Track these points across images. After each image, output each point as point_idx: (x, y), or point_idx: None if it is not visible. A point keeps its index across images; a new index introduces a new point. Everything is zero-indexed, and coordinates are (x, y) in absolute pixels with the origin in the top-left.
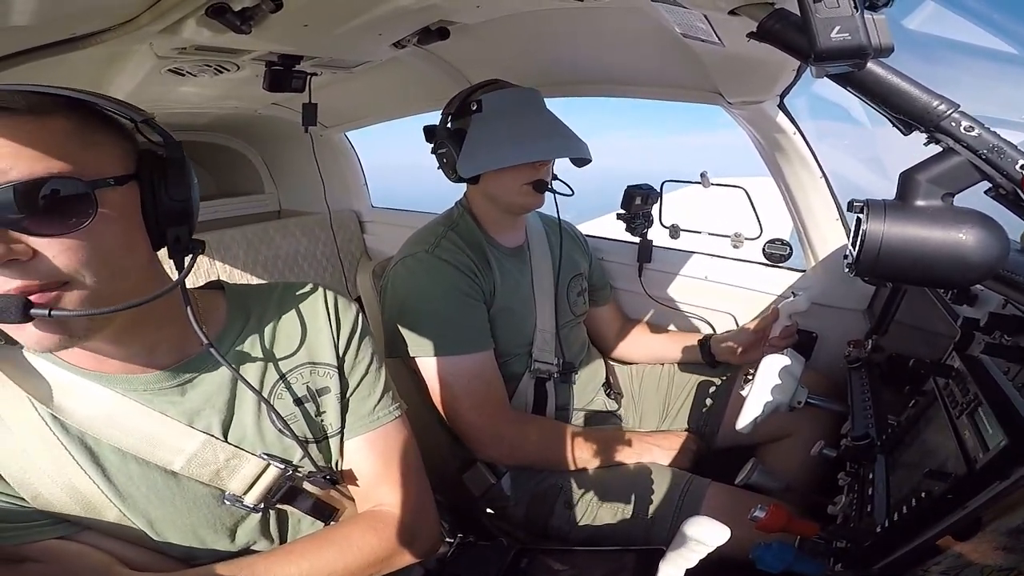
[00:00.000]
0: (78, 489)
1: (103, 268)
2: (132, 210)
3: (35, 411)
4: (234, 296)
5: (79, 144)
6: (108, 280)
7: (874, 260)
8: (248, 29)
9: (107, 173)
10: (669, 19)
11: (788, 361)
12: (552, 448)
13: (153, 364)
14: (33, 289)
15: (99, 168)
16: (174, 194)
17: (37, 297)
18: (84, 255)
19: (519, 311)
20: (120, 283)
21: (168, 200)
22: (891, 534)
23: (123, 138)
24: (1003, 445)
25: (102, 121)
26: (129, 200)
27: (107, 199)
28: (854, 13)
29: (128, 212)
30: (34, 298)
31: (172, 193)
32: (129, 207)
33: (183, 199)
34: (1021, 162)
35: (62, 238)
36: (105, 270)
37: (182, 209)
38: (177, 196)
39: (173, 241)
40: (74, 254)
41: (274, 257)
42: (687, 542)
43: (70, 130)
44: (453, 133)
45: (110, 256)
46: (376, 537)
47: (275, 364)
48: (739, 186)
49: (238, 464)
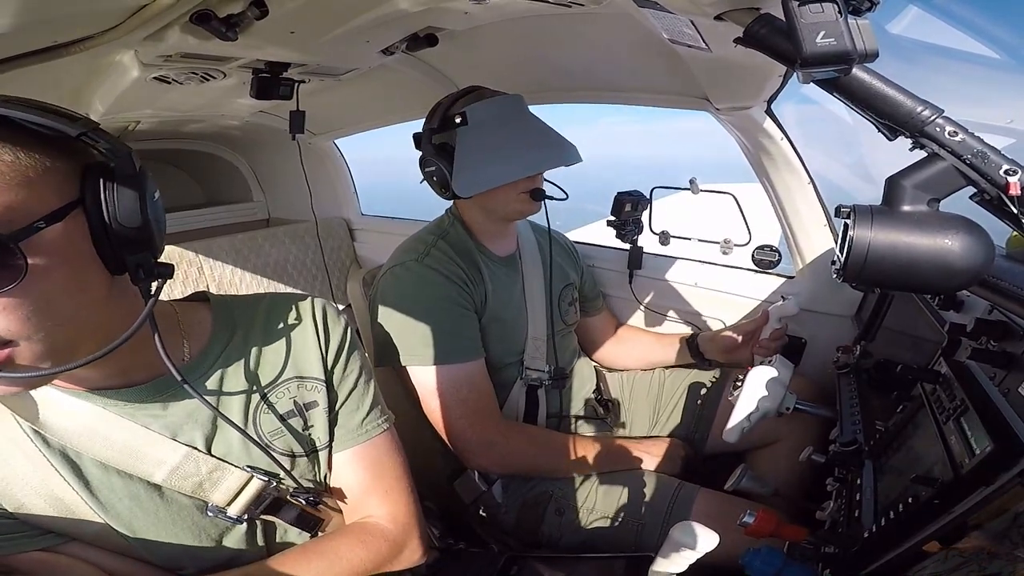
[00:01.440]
0: (62, 500)
1: (49, 320)
2: (79, 244)
3: (16, 424)
4: (220, 308)
5: (1, 183)
6: (59, 330)
7: (861, 266)
8: (234, 36)
9: (38, 213)
10: (656, 25)
11: (774, 373)
12: (543, 456)
13: (132, 381)
14: None
15: (29, 208)
16: (127, 216)
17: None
18: (23, 313)
19: (510, 320)
20: (75, 327)
21: (120, 225)
22: (878, 539)
23: (63, 156)
24: (989, 451)
25: (33, 140)
26: (73, 234)
27: (42, 245)
28: (838, 18)
29: (74, 249)
30: None
31: (125, 215)
32: (74, 242)
33: (139, 221)
34: (1005, 167)
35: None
36: (52, 322)
37: (139, 232)
38: (131, 219)
39: (135, 269)
40: (11, 314)
41: (263, 265)
42: (676, 548)
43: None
44: (439, 149)
45: (56, 306)
46: (364, 549)
47: (261, 379)
48: (728, 192)
49: (221, 476)
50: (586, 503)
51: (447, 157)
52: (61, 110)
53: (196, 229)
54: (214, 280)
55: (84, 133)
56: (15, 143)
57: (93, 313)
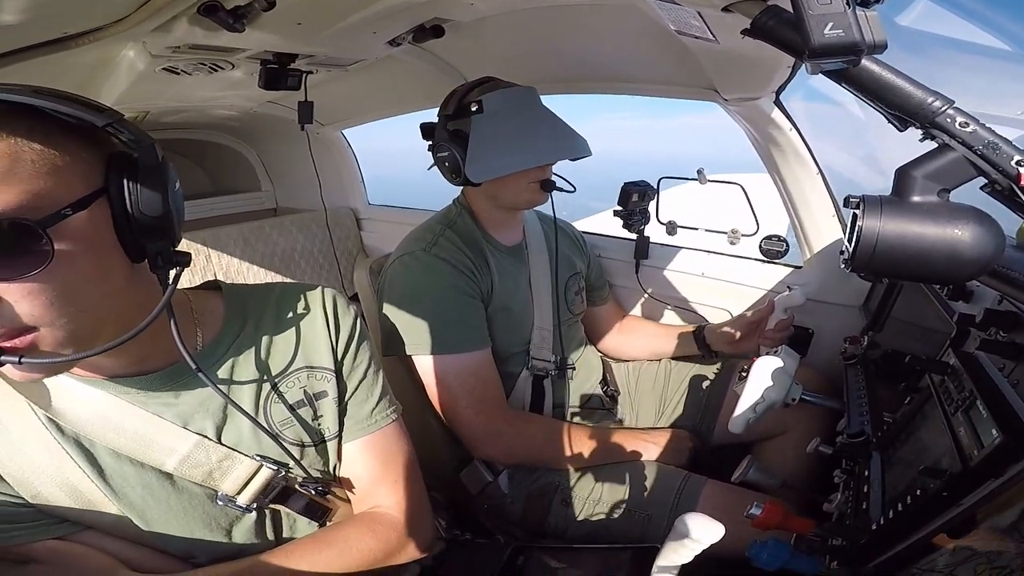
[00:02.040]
0: (76, 488)
1: (72, 307)
2: (102, 232)
3: (32, 413)
4: (232, 297)
5: (31, 171)
6: (82, 316)
7: (870, 256)
8: (241, 27)
9: (65, 200)
10: (663, 16)
11: (780, 363)
12: (549, 446)
13: (146, 369)
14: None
15: (56, 195)
16: (149, 206)
17: (6, 343)
18: (47, 298)
19: (517, 309)
20: (97, 314)
21: (142, 214)
22: (886, 531)
23: (88, 146)
24: (998, 442)
25: (60, 130)
26: (97, 222)
27: (68, 231)
28: (846, 10)
29: (97, 237)
30: (3, 344)
31: (147, 205)
32: (98, 230)
33: (160, 210)
34: (1017, 158)
35: (18, 283)
36: (75, 308)
37: (160, 221)
38: (153, 208)
39: (154, 257)
40: (36, 299)
41: (270, 255)
42: (682, 539)
43: (15, 153)
44: (453, 135)
45: (79, 293)
46: (374, 539)
47: (272, 368)
48: (736, 182)
49: (231, 465)
50: (592, 494)
51: (461, 144)
52: (88, 101)
53: (204, 218)
54: (222, 269)
55: (110, 123)
56: (44, 132)
57: (114, 300)
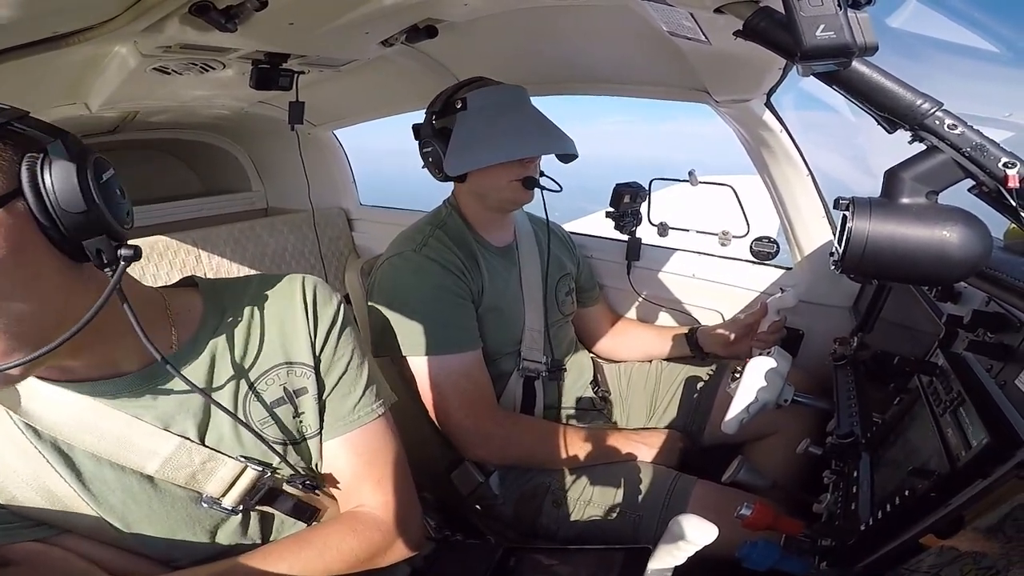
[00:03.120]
0: (54, 493)
1: (3, 314)
2: (24, 235)
3: (8, 417)
4: (209, 293)
5: None
6: (19, 322)
7: (859, 257)
8: (233, 27)
9: None
10: (656, 17)
11: (773, 364)
12: (540, 447)
13: (121, 371)
14: None
15: None
16: (70, 201)
17: None
18: None
19: (507, 310)
20: (37, 318)
21: (64, 211)
22: (875, 532)
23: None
24: (985, 443)
25: None
26: (15, 225)
27: None
28: (837, 11)
29: (17, 239)
30: None
31: (67, 201)
32: (17, 233)
33: (83, 206)
34: (1004, 160)
35: None
36: (7, 315)
37: (88, 217)
38: (74, 203)
39: (95, 254)
40: None
41: (261, 255)
42: (675, 540)
43: None
44: (438, 132)
45: (7, 299)
46: (356, 539)
47: (251, 365)
48: (727, 184)
49: (214, 467)
50: (584, 495)
51: (444, 140)
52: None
53: (194, 218)
54: (212, 269)
55: (8, 123)
56: None
57: (56, 302)
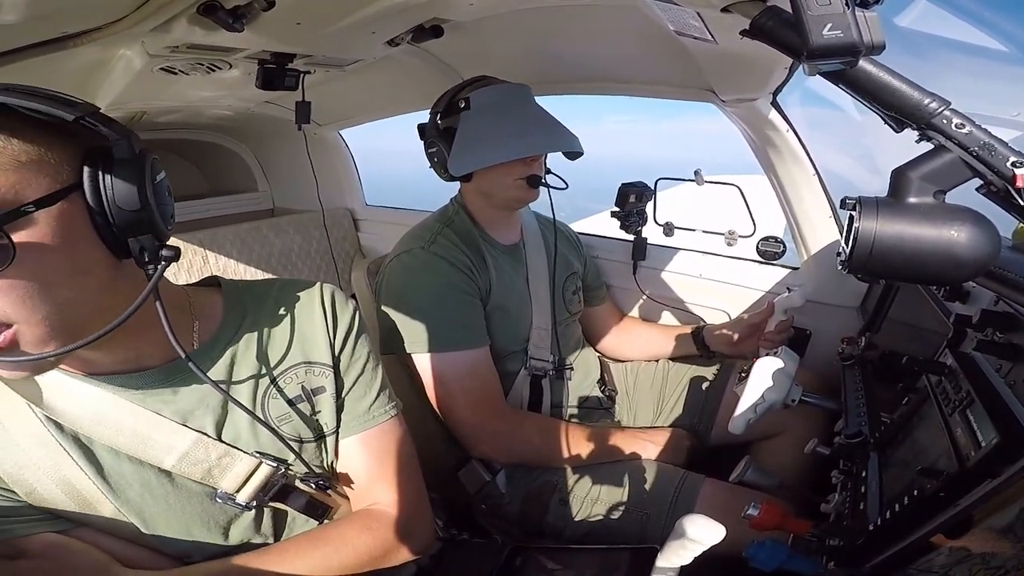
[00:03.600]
0: (73, 484)
1: (48, 303)
2: (78, 227)
3: (30, 410)
4: (231, 293)
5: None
6: (61, 312)
7: (867, 257)
8: (240, 27)
9: (28, 197)
10: (662, 16)
11: (781, 364)
12: (547, 445)
13: (144, 366)
14: None
15: (19, 192)
16: (126, 200)
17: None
18: (19, 294)
19: (515, 308)
20: (78, 310)
21: (119, 208)
22: (883, 532)
23: (60, 142)
24: (995, 443)
25: (28, 126)
26: (71, 217)
27: (35, 228)
28: (845, 10)
29: (71, 232)
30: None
31: (123, 199)
32: (72, 226)
33: (137, 204)
34: (1012, 159)
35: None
36: (51, 304)
37: (140, 216)
38: (129, 202)
39: (138, 252)
40: (7, 295)
41: (267, 255)
42: (682, 540)
43: None
44: (443, 131)
45: (55, 289)
46: (371, 536)
47: (270, 363)
48: (733, 184)
49: (230, 462)
50: (590, 493)
51: (449, 139)
52: (61, 96)
53: (201, 219)
54: (219, 270)
55: (81, 118)
56: (10, 129)
57: (97, 296)
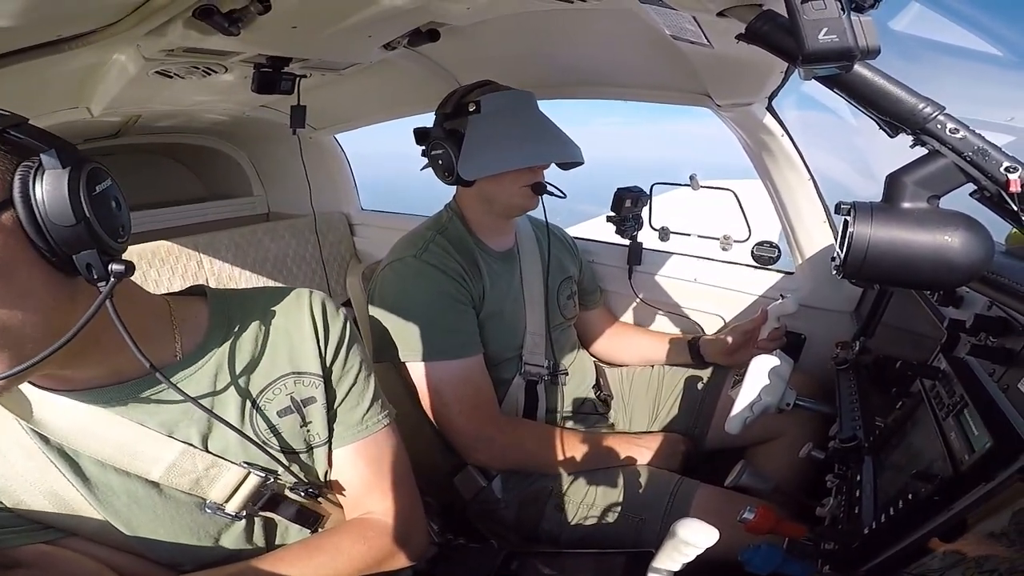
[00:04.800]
0: (61, 497)
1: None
2: (12, 246)
3: (17, 423)
4: (216, 302)
5: None
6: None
7: (861, 262)
8: (236, 31)
9: None
10: (658, 21)
11: (777, 362)
12: (542, 451)
13: (123, 379)
14: None
15: None
16: (59, 214)
17: None
18: None
19: (509, 315)
20: (24, 331)
21: (53, 224)
22: (878, 536)
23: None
24: (988, 447)
25: None
26: (5, 236)
27: None
28: (841, 15)
29: (7, 252)
30: None
31: (56, 214)
32: (7, 245)
33: (72, 219)
34: (1005, 164)
35: None
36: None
37: (77, 231)
38: (63, 216)
39: (85, 269)
40: None
41: (262, 260)
42: (677, 544)
43: None
44: (449, 134)
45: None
46: (366, 545)
47: (258, 375)
48: (728, 188)
49: (218, 473)
50: (586, 499)
51: (456, 142)
52: None
53: (196, 223)
54: (213, 275)
55: (4, 130)
56: None
57: (48, 317)
